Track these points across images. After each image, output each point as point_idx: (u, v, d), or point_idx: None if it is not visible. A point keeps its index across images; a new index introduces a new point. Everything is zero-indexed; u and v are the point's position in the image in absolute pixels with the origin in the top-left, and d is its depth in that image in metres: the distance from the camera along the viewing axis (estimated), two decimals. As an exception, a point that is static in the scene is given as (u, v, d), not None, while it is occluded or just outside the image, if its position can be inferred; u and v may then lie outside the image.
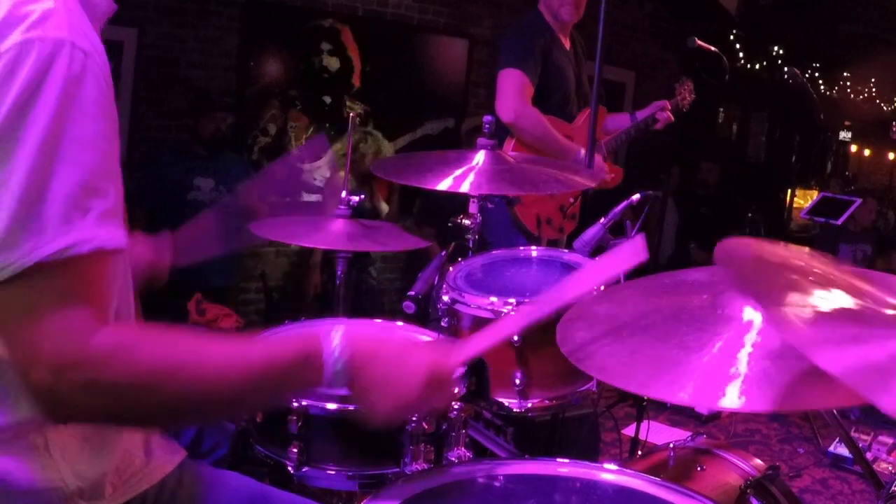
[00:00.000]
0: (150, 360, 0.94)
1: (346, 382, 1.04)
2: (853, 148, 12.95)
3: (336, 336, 1.04)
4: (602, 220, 2.01)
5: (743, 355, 1.08)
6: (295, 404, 1.37)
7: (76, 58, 0.91)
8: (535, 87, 3.26)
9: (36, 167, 0.88)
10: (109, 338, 0.92)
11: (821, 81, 9.85)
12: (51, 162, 0.89)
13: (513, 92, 3.17)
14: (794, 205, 9.27)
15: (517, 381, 1.69)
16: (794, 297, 0.88)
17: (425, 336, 1.74)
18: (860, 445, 3.52)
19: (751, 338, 1.11)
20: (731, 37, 7.93)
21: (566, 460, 1.25)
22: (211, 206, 4.24)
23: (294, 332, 1.71)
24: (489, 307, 1.72)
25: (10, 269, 0.88)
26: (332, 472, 1.39)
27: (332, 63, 5.29)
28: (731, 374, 1.12)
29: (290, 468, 1.38)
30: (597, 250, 1.97)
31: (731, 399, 1.09)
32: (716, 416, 4.05)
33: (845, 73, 10.23)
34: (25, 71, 0.89)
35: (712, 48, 3.76)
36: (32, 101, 0.88)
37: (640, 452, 2.61)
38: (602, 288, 1.38)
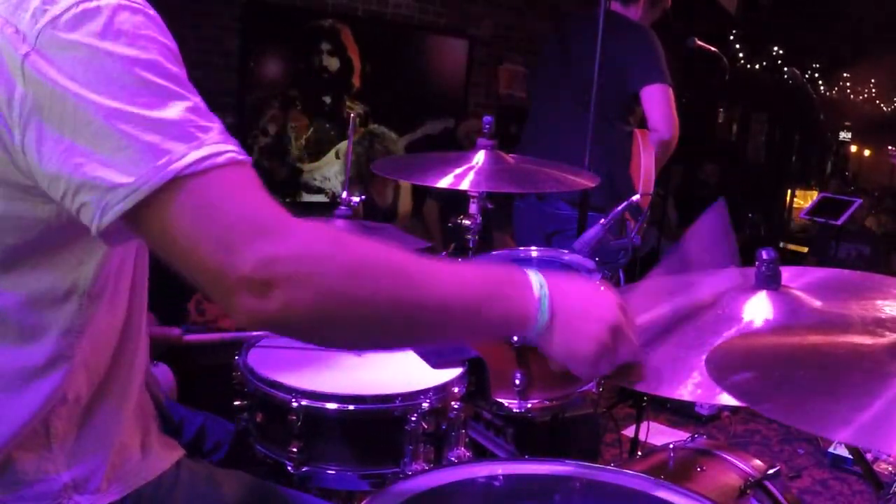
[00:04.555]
0: (362, 251, 0.87)
1: (550, 312, 0.99)
2: (853, 148, 12.96)
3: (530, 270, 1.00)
4: (602, 220, 2.00)
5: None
6: (294, 404, 1.36)
7: (136, 10, 0.87)
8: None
9: (146, 102, 0.83)
10: (309, 226, 0.84)
11: (821, 81, 9.86)
12: (157, 96, 0.84)
13: (673, 109, 3.18)
14: (794, 205, 9.28)
15: (517, 381, 1.69)
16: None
17: None
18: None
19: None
20: (731, 37, 7.94)
21: (566, 461, 1.24)
22: None
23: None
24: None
25: (147, 187, 0.80)
26: (332, 472, 1.39)
27: (332, 63, 5.29)
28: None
29: (289, 468, 1.38)
30: (595, 251, 1.96)
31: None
32: (715, 417, 4.05)
33: (845, 73, 10.25)
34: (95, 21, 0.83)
35: (712, 48, 3.75)
36: (111, 49, 0.83)
37: (639, 453, 2.61)
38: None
